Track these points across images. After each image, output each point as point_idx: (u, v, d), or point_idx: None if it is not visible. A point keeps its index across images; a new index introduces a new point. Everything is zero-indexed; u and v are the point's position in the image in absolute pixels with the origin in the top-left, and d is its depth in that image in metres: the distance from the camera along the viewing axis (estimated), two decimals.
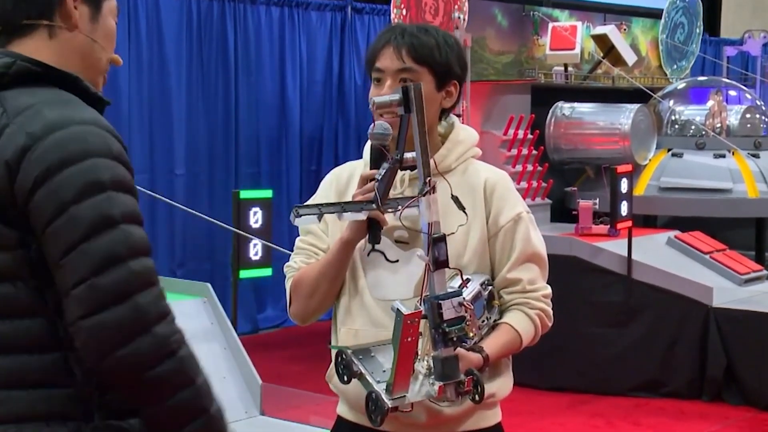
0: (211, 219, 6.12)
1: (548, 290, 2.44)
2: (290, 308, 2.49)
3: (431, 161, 2.12)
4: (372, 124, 2.33)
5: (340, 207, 2.25)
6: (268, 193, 6.32)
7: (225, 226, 6.01)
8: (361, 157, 2.55)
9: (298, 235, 2.55)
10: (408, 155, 2.16)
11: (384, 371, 2.13)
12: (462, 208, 2.22)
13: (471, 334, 2.12)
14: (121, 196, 1.59)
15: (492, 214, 2.40)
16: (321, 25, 8.84)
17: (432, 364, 2.10)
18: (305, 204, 2.29)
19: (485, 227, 2.39)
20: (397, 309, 2.02)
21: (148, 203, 7.46)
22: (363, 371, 2.14)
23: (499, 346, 2.32)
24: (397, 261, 2.38)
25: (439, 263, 2.07)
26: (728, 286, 6.69)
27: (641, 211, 7.27)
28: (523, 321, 2.39)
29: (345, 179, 2.52)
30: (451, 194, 2.21)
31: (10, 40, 1.72)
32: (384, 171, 2.21)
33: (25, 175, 1.58)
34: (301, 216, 2.22)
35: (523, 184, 7.03)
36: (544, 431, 5.92)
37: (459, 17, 6.89)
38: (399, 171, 2.28)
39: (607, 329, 6.54)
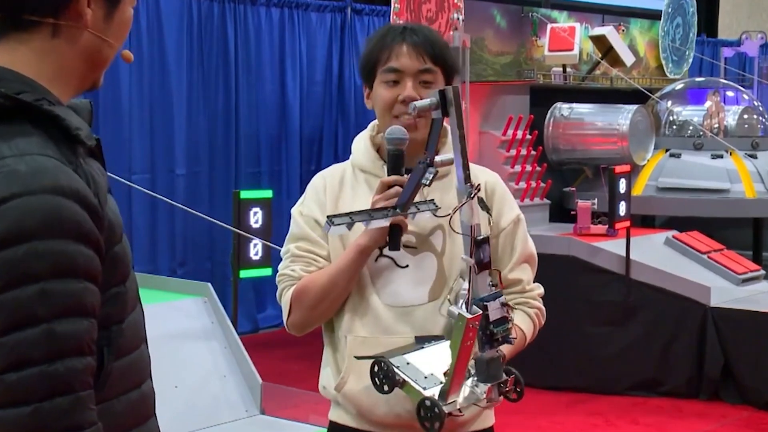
0: (211, 219, 6.15)
1: (542, 289, 2.49)
2: (289, 318, 2.43)
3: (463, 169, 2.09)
4: (388, 128, 2.30)
5: (368, 215, 2.21)
6: (268, 193, 6.33)
7: (225, 225, 6.03)
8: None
9: None
10: (437, 158, 2.17)
11: (426, 377, 2.12)
12: (487, 209, 2.22)
13: (513, 335, 2.12)
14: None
15: (493, 216, 2.40)
16: (321, 26, 8.87)
17: (472, 367, 2.10)
18: (337, 214, 2.21)
19: (488, 228, 2.40)
20: (459, 313, 2.01)
21: (148, 203, 7.50)
22: (407, 379, 2.12)
23: (511, 345, 2.32)
24: (407, 266, 2.35)
25: (483, 265, 2.07)
26: (726, 286, 6.72)
27: (639, 211, 7.29)
28: (526, 320, 2.43)
29: (337, 183, 2.45)
30: (478, 196, 2.19)
31: (5, 33, 1.50)
32: (416, 174, 2.19)
33: None
34: (334, 225, 2.16)
35: (522, 185, 7.05)
36: (542, 430, 5.94)
37: (457, 18, 6.92)
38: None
39: (605, 328, 6.56)
